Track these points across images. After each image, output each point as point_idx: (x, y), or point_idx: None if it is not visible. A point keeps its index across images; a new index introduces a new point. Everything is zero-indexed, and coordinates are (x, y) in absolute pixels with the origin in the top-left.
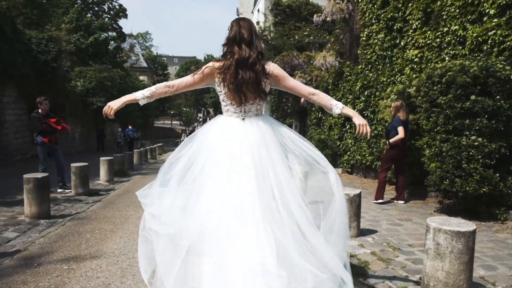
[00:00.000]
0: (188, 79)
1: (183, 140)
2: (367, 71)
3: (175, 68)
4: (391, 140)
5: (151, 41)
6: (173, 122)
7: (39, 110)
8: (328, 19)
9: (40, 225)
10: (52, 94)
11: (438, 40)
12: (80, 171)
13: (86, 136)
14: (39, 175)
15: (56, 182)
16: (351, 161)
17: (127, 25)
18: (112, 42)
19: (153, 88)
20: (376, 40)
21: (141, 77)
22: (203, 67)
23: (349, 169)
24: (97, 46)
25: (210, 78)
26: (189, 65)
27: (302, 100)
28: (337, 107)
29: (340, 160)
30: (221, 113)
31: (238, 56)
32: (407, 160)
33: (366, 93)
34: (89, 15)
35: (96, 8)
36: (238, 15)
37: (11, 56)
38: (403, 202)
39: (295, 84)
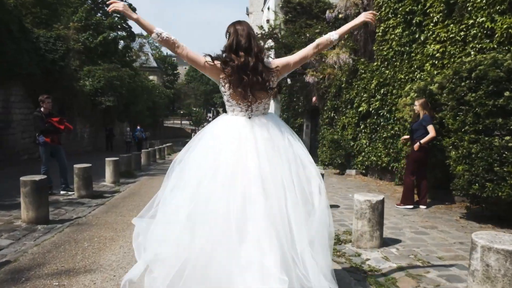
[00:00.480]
0: (196, 57)
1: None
2: (383, 68)
3: (185, 68)
4: (422, 140)
5: None
6: (183, 122)
7: (42, 109)
8: (341, 16)
9: (37, 231)
10: (60, 93)
11: (462, 33)
12: (83, 173)
13: (94, 136)
14: (37, 177)
15: (59, 184)
16: (366, 162)
17: (137, 25)
18: (122, 41)
19: (170, 35)
20: (393, 36)
21: (151, 77)
22: (213, 62)
23: (363, 171)
24: (106, 45)
25: (212, 74)
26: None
27: (314, 99)
28: (332, 35)
29: (354, 161)
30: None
31: (237, 63)
32: (429, 162)
33: (382, 91)
34: (99, 15)
35: (105, 8)
36: (247, 14)
37: (18, 55)
38: (425, 207)
39: (300, 56)
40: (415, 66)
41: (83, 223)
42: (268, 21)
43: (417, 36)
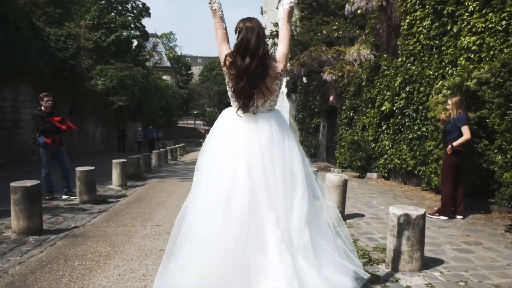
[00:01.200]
0: (223, 45)
1: None
2: (408, 64)
3: (199, 68)
4: (455, 143)
5: (175, 41)
6: (196, 122)
7: (42, 108)
8: (360, 11)
9: (26, 244)
10: (70, 92)
11: (504, 23)
12: (86, 176)
13: (107, 136)
14: (28, 183)
15: (61, 187)
16: (388, 165)
17: (151, 25)
18: (134, 40)
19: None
20: (420, 28)
21: (165, 77)
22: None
23: (385, 174)
24: (119, 44)
25: (223, 66)
26: (213, 65)
27: (331, 98)
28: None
29: (375, 164)
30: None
31: (238, 68)
32: (464, 167)
33: (407, 89)
34: (112, 14)
35: (119, 7)
36: (261, 13)
37: (26, 53)
38: (461, 217)
39: (288, 40)
40: (447, 61)
41: (79, 234)
42: None
43: (448, 28)
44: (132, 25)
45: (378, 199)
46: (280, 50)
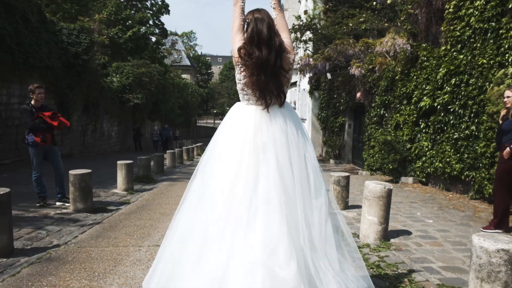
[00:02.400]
0: (238, 35)
1: None
2: (455, 53)
3: (219, 67)
4: None
5: (195, 40)
6: (216, 121)
7: (32, 102)
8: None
9: None
10: (84, 88)
11: None
12: (80, 181)
13: (123, 135)
14: None
15: (54, 193)
16: (427, 169)
17: (171, 25)
18: (152, 37)
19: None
20: (471, 10)
21: (184, 75)
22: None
23: (423, 179)
24: (136, 40)
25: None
26: (233, 64)
27: (358, 95)
28: None
29: (410, 167)
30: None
31: (257, 60)
32: None
33: (453, 82)
34: (132, 12)
35: (139, 5)
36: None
37: (36, 46)
38: None
39: (286, 37)
40: (506, 46)
41: (56, 257)
42: (306, 12)
43: (510, 6)
44: (151, 22)
45: (422, 210)
46: (286, 40)
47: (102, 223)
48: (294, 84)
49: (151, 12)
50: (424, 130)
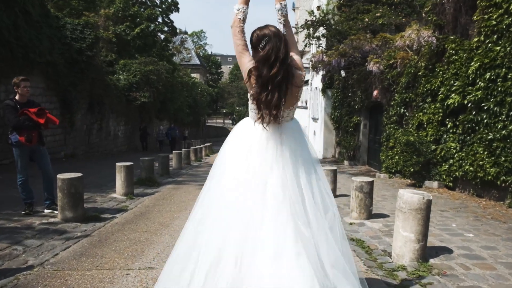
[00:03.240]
0: (245, 57)
1: None
2: (490, 45)
3: (229, 67)
4: None
5: (205, 40)
6: (226, 121)
7: (16, 96)
8: None
9: None
10: (87, 86)
11: None
12: (69, 186)
13: (129, 134)
14: None
15: (42, 199)
16: (455, 173)
17: (181, 24)
18: (160, 34)
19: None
20: None
21: (194, 75)
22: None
23: (449, 183)
24: (144, 37)
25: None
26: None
27: (375, 93)
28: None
29: (435, 170)
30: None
31: (267, 77)
32: None
33: (487, 76)
34: (141, 10)
35: (148, 3)
36: (294, 10)
37: (36, 40)
38: None
39: (296, 54)
40: None
41: (23, 285)
42: (318, 8)
43: None
44: (160, 20)
45: (457, 221)
46: (296, 57)
47: (91, 235)
48: (306, 82)
49: (160, 9)
50: (451, 130)
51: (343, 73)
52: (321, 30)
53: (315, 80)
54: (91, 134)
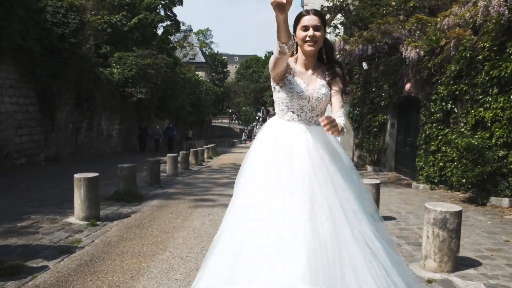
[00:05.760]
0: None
1: (244, 139)
2: None
3: (235, 66)
4: None
5: (211, 38)
6: (231, 121)
7: None
8: None
9: None
10: (72, 78)
11: None
12: None
13: (125, 134)
14: None
15: None
16: None
17: (187, 21)
18: (161, 25)
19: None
20: None
21: (199, 73)
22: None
23: None
24: (143, 28)
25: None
26: (250, 62)
27: (408, 86)
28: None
29: (504, 183)
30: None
31: None
32: None
33: None
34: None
35: None
36: (302, 6)
37: (4, 22)
38: None
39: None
40: None
41: None
42: None
43: None
44: (162, 13)
45: None
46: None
47: None
48: None
49: (163, 2)
50: None
51: (365, 65)
52: (339, 18)
53: None
54: (79, 133)
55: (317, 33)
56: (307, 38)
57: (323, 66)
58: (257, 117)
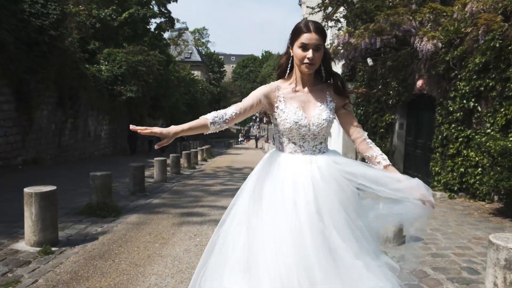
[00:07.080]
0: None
1: (241, 140)
2: None
3: (232, 66)
4: None
5: (208, 37)
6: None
7: None
8: None
9: None
10: (52, 74)
11: None
12: None
13: (115, 135)
14: None
15: None
16: None
17: (183, 19)
18: (153, 19)
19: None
20: None
21: (194, 72)
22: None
23: None
24: (134, 24)
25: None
26: (246, 62)
27: (420, 82)
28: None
29: None
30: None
31: None
32: None
33: None
34: None
35: None
36: (300, 4)
37: None
38: None
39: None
40: None
41: None
42: None
43: None
44: (156, 10)
45: None
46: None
47: None
48: None
49: None
50: None
51: (370, 61)
52: (341, 11)
53: None
54: (63, 134)
55: (317, 54)
56: (306, 60)
57: (322, 83)
58: (253, 117)
